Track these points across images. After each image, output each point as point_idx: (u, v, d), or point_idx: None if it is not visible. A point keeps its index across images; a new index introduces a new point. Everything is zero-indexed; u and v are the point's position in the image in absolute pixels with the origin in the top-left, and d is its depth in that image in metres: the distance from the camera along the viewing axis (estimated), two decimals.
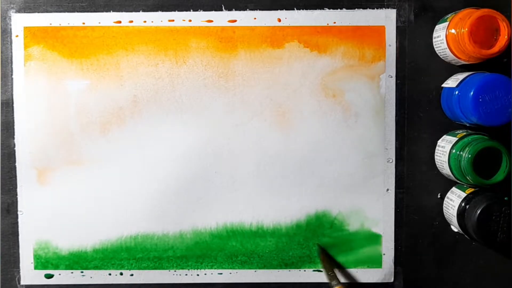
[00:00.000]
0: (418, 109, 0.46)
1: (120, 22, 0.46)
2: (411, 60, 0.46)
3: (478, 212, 0.42)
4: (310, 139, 0.46)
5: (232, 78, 0.46)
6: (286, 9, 0.46)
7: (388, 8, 0.46)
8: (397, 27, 0.46)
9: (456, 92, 0.44)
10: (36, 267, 0.47)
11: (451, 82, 0.45)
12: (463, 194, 0.44)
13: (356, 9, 0.46)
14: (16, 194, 0.47)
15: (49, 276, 0.47)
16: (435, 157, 0.46)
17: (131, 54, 0.46)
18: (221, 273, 0.47)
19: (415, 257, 0.47)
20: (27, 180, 0.46)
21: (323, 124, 0.46)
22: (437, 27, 0.45)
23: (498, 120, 0.42)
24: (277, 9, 0.46)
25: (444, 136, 0.46)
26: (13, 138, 0.46)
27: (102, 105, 0.46)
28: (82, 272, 0.47)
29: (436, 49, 0.46)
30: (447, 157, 0.44)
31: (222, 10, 0.46)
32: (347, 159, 0.47)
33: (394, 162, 0.47)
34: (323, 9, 0.46)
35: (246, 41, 0.46)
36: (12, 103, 0.46)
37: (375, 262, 0.47)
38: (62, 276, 0.47)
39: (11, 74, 0.46)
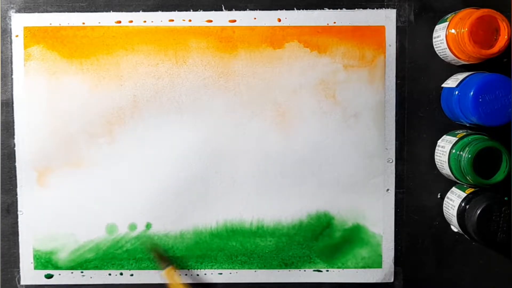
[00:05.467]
0: (418, 109, 0.47)
1: (120, 22, 0.46)
2: (411, 60, 0.46)
3: (478, 212, 0.42)
4: (310, 139, 0.46)
5: (232, 78, 0.46)
6: (286, 9, 0.46)
7: (388, 8, 0.46)
8: (397, 27, 0.46)
9: (456, 92, 0.44)
10: (36, 267, 0.47)
11: (451, 82, 0.45)
12: (463, 194, 0.44)
13: (356, 9, 0.46)
14: (16, 194, 0.47)
15: (49, 276, 0.47)
16: (435, 157, 0.46)
17: (131, 54, 0.46)
18: (221, 273, 0.47)
19: (415, 257, 0.47)
20: (27, 180, 0.46)
21: (323, 124, 0.46)
22: (437, 27, 0.46)
23: (498, 120, 0.42)
24: (277, 9, 0.46)
25: (444, 136, 0.46)
26: (13, 138, 0.46)
27: (102, 105, 0.46)
28: (82, 272, 0.47)
29: (436, 49, 0.46)
30: (447, 157, 0.44)
31: (222, 10, 0.46)
32: (347, 159, 0.47)
33: (394, 162, 0.47)
34: (323, 9, 0.46)
35: (246, 41, 0.46)
36: (12, 103, 0.46)
37: (375, 262, 0.47)
38: (62, 276, 0.47)
39: (11, 74, 0.46)
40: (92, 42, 0.46)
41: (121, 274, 0.47)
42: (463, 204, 0.44)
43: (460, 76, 0.44)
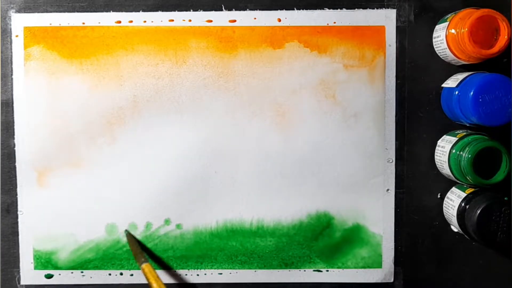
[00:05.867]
0: (418, 109, 0.47)
1: (120, 22, 0.46)
2: (411, 60, 0.46)
3: (478, 212, 0.42)
4: (310, 139, 0.46)
5: (232, 78, 0.46)
6: (286, 9, 0.46)
7: (388, 8, 0.46)
8: (397, 27, 0.46)
9: (456, 92, 0.44)
10: (36, 267, 0.47)
11: (451, 82, 0.45)
12: (463, 194, 0.44)
13: (356, 9, 0.46)
14: (16, 194, 0.47)
15: (49, 276, 0.47)
16: (435, 157, 0.46)
17: (131, 54, 0.46)
18: (221, 273, 0.47)
19: (415, 257, 0.47)
20: (27, 180, 0.46)
21: (323, 124, 0.46)
22: (437, 27, 0.46)
23: (498, 120, 0.42)
24: (277, 9, 0.46)
25: (444, 136, 0.46)
26: (13, 138, 0.46)
27: (102, 105, 0.46)
28: (82, 272, 0.47)
29: (436, 49, 0.46)
30: (447, 157, 0.44)
31: (222, 10, 0.46)
32: (347, 159, 0.47)
33: (394, 162, 0.47)
34: (323, 9, 0.46)
35: (246, 41, 0.46)
36: (12, 103, 0.46)
37: (375, 262, 0.47)
38: (62, 276, 0.47)
39: (11, 74, 0.46)
40: (92, 42, 0.46)
41: (121, 274, 0.47)
42: (463, 204, 0.44)
43: (460, 76, 0.44)
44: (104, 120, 0.46)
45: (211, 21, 0.46)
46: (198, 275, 0.47)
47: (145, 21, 0.46)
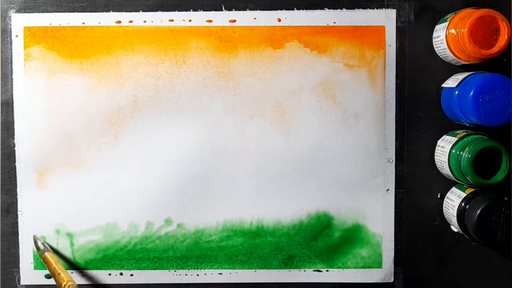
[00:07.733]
0: (418, 109, 0.47)
1: (120, 22, 0.46)
2: (411, 60, 0.46)
3: (478, 212, 0.42)
4: (310, 139, 0.46)
5: (232, 78, 0.46)
6: (286, 9, 0.46)
7: (388, 8, 0.46)
8: (397, 27, 0.46)
9: (456, 92, 0.44)
10: (36, 267, 0.47)
11: (451, 82, 0.45)
12: (463, 194, 0.44)
13: (356, 9, 0.46)
14: (16, 194, 0.47)
15: (49, 276, 0.47)
16: (435, 157, 0.46)
17: (131, 54, 0.46)
18: (221, 273, 0.47)
19: (415, 257, 0.47)
20: (27, 180, 0.46)
21: (323, 124, 0.46)
22: (437, 27, 0.46)
23: (498, 120, 0.42)
24: (277, 9, 0.46)
25: (444, 136, 0.46)
26: (13, 138, 0.46)
27: (102, 105, 0.46)
28: (82, 272, 0.47)
29: (436, 49, 0.46)
30: (447, 157, 0.44)
31: (222, 10, 0.46)
32: (347, 159, 0.47)
33: (394, 162, 0.47)
34: (323, 9, 0.46)
35: (246, 41, 0.46)
36: (12, 103, 0.46)
37: (375, 262, 0.47)
38: None
39: (11, 74, 0.46)
40: (92, 42, 0.46)
41: (121, 274, 0.47)
42: (463, 204, 0.44)
43: (460, 76, 0.44)
44: (104, 120, 0.46)
45: (211, 21, 0.46)
46: (198, 275, 0.47)
47: (145, 21, 0.46)
